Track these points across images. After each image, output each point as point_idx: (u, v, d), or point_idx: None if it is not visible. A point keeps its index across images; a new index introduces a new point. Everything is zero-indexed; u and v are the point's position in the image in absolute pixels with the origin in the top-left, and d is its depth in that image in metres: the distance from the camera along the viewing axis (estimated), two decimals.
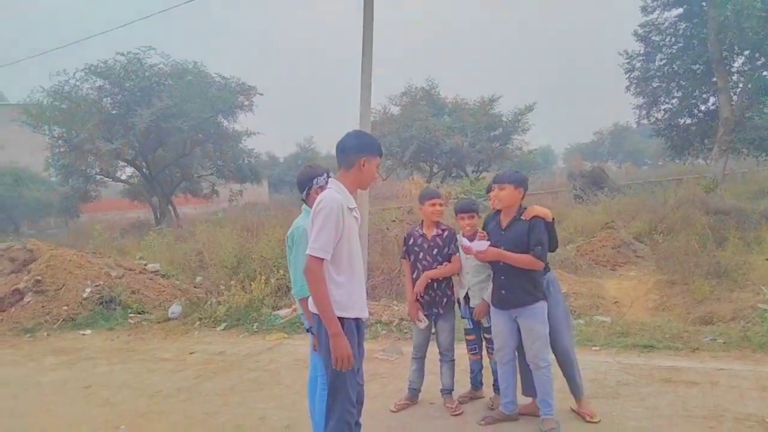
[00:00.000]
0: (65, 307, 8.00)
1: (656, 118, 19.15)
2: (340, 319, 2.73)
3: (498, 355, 3.90)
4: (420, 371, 4.33)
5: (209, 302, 7.75)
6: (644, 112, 19.10)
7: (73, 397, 4.96)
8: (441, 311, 4.19)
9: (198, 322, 7.34)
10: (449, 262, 4.16)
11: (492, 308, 3.89)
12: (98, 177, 24.30)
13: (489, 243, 3.68)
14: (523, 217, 3.70)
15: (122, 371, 5.68)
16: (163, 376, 5.42)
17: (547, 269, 3.92)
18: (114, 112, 21.09)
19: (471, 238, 4.19)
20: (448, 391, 4.25)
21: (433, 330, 4.29)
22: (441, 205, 4.24)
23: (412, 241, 4.31)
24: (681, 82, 17.98)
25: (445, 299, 4.19)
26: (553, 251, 4.05)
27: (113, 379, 5.42)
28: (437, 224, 4.24)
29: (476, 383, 4.40)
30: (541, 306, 3.70)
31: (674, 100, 18.58)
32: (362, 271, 3.00)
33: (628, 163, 48.25)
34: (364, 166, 2.88)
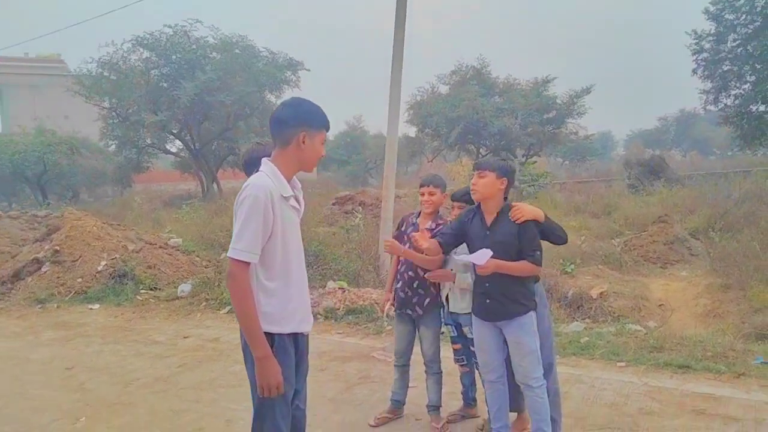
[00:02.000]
0: (79, 280, 7.92)
1: (724, 105, 17.54)
2: (271, 335, 2.23)
3: (484, 373, 3.33)
4: (402, 381, 3.81)
5: (220, 282, 7.46)
6: (711, 97, 17.53)
7: (51, 379, 4.75)
8: (420, 312, 3.62)
9: (204, 303, 7.07)
10: None
11: (474, 318, 3.31)
12: (149, 149, 24.78)
13: (491, 254, 3.03)
14: (511, 217, 3.10)
15: (111, 353, 5.44)
16: (147, 362, 5.14)
17: (536, 278, 3.36)
18: (162, 84, 21.26)
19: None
20: (434, 408, 3.70)
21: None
22: (432, 194, 3.63)
23: (404, 227, 3.77)
24: (756, 65, 16.31)
25: (427, 299, 3.61)
26: (565, 243, 3.43)
27: (98, 362, 5.18)
28: (434, 216, 3.67)
29: (468, 399, 3.84)
30: (532, 317, 3.13)
31: (746, 85, 16.92)
32: (303, 275, 2.44)
33: (694, 152, 45.34)
34: (304, 142, 2.30)
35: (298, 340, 2.40)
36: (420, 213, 3.72)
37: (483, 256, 3.02)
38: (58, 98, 30.20)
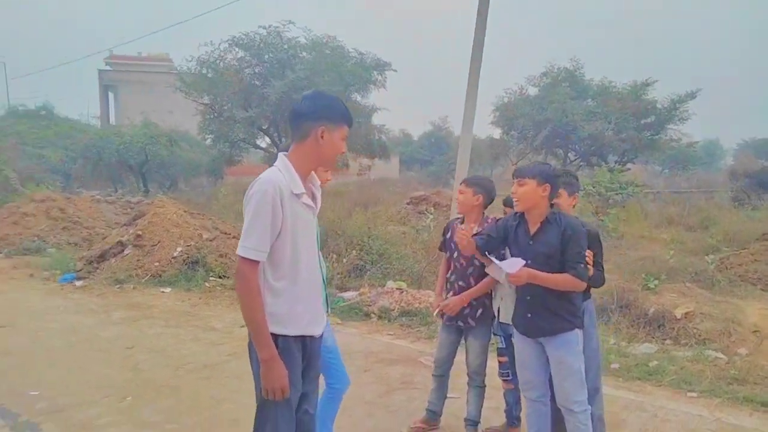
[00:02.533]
0: (156, 264, 8.34)
1: None
2: (276, 336, 2.14)
3: (524, 391, 3.08)
4: (440, 391, 3.62)
5: None
6: None
7: (112, 357, 4.98)
8: (472, 324, 3.41)
9: None
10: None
11: (515, 333, 3.06)
12: (241, 143, 25.93)
13: (524, 263, 2.83)
14: (552, 222, 2.86)
15: (170, 336, 5.65)
16: (201, 347, 5.28)
17: (587, 295, 3.10)
18: (255, 82, 22.13)
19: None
20: (472, 424, 3.48)
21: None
22: (461, 192, 3.40)
23: (450, 234, 3.57)
24: None
25: (479, 310, 3.40)
26: (599, 286, 3.15)
27: (157, 343, 5.39)
28: (480, 220, 3.43)
29: (512, 419, 3.57)
30: (577, 334, 2.87)
31: None
32: (315, 276, 2.33)
33: None
34: (322, 137, 2.18)
35: (306, 342, 2.28)
36: (464, 219, 3.51)
37: (514, 264, 2.82)
38: (164, 94, 32.41)
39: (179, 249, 8.57)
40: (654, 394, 4.27)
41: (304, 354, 2.28)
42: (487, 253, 3.12)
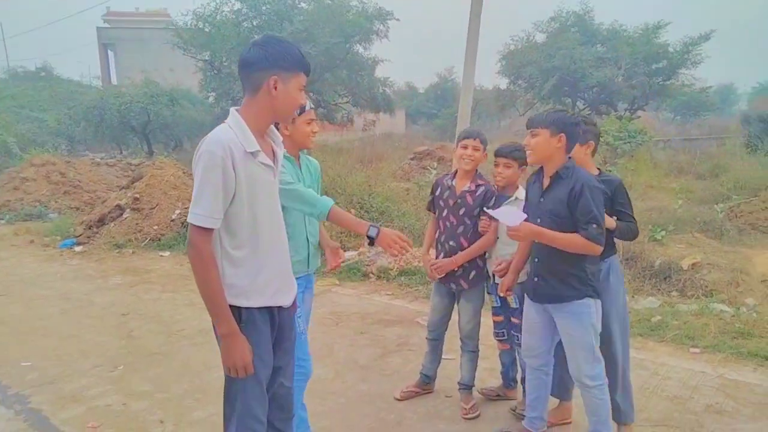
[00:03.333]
0: (155, 227, 8.26)
1: None
2: (239, 309, 1.98)
3: (526, 357, 2.95)
4: (434, 355, 3.52)
5: None
6: None
7: (106, 325, 4.94)
8: (465, 286, 3.27)
9: None
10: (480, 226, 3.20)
11: (525, 297, 2.90)
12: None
13: (526, 217, 2.64)
14: (563, 176, 2.61)
15: (166, 301, 5.60)
16: (196, 312, 5.22)
17: (610, 252, 2.86)
18: (253, 36, 21.56)
19: (500, 196, 3.19)
20: (466, 387, 3.38)
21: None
22: (476, 149, 3.17)
23: (439, 191, 3.38)
24: None
25: (472, 272, 3.25)
26: (631, 239, 2.99)
27: (152, 309, 5.35)
28: (472, 176, 3.25)
29: (508, 380, 3.48)
30: (588, 305, 2.64)
31: None
32: (280, 242, 2.14)
33: None
34: (275, 88, 1.95)
35: (273, 313, 2.12)
36: (455, 173, 3.31)
37: (514, 217, 2.60)
38: (164, 51, 31.79)
39: (177, 212, 8.47)
40: (656, 350, 4.16)
41: (272, 326, 2.13)
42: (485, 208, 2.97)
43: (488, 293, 3.34)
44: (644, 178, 12.50)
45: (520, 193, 3.15)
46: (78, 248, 7.96)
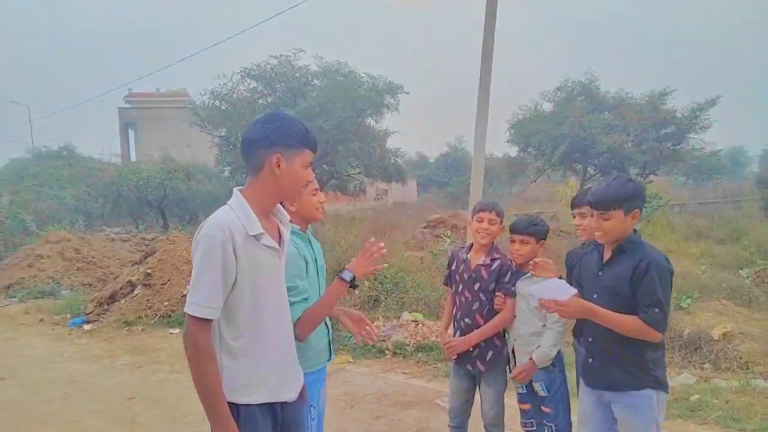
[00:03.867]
0: (166, 303, 8.12)
1: None
2: (236, 406, 1.83)
3: None
4: None
5: None
6: None
7: (110, 409, 4.72)
8: (482, 369, 3.04)
9: None
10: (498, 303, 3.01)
11: (581, 381, 2.65)
12: None
13: (576, 292, 2.42)
14: (627, 250, 2.38)
15: (173, 383, 5.37)
16: None
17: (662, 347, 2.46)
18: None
19: (518, 272, 3.02)
20: None
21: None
22: (492, 222, 3.03)
23: (455, 265, 3.23)
24: None
25: (489, 352, 3.03)
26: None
27: (158, 392, 5.11)
28: (488, 250, 3.10)
29: None
30: (649, 396, 2.35)
31: None
32: (285, 331, 1.99)
33: None
34: (278, 166, 1.87)
35: (276, 410, 1.94)
36: (471, 247, 3.17)
37: (563, 291, 2.37)
38: (182, 128, 32.85)
39: (188, 287, 8.33)
40: None
41: (275, 424, 1.95)
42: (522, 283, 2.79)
43: (514, 381, 3.10)
44: (662, 243, 12.25)
45: (553, 282, 2.94)
46: (87, 326, 7.80)
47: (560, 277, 2.69)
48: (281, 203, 2.12)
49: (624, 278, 2.33)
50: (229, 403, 1.81)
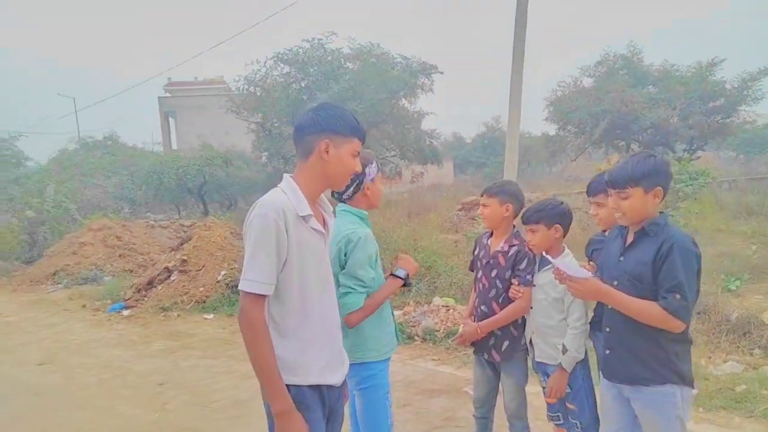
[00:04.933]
0: (201, 289, 8.24)
1: None
2: (288, 386, 1.81)
3: None
4: None
5: None
6: None
7: (141, 395, 4.79)
8: (498, 359, 2.90)
9: None
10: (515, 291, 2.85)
11: (601, 375, 2.47)
12: (294, 158, 26.16)
13: (591, 275, 2.28)
14: (651, 233, 2.18)
15: (204, 368, 5.43)
16: (234, 381, 5.00)
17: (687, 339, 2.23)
18: (302, 97, 22.22)
19: (542, 261, 2.84)
20: None
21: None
22: (486, 206, 2.88)
23: (477, 250, 3.09)
24: None
25: (505, 342, 2.88)
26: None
27: (189, 377, 5.18)
28: (508, 235, 2.92)
29: None
30: (671, 393, 2.15)
31: None
32: (332, 314, 2.00)
33: None
34: (327, 152, 1.92)
35: (324, 393, 1.94)
36: (492, 232, 3.02)
37: (580, 270, 2.25)
38: (220, 116, 33.35)
39: (223, 272, 8.44)
40: (744, 428, 3.60)
41: (323, 406, 1.94)
42: (544, 253, 2.62)
43: (534, 371, 2.95)
44: (711, 222, 11.71)
45: (565, 257, 2.73)
46: (126, 312, 7.99)
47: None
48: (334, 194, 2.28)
49: (646, 263, 2.13)
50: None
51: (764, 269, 8.05)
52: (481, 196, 2.94)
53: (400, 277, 2.48)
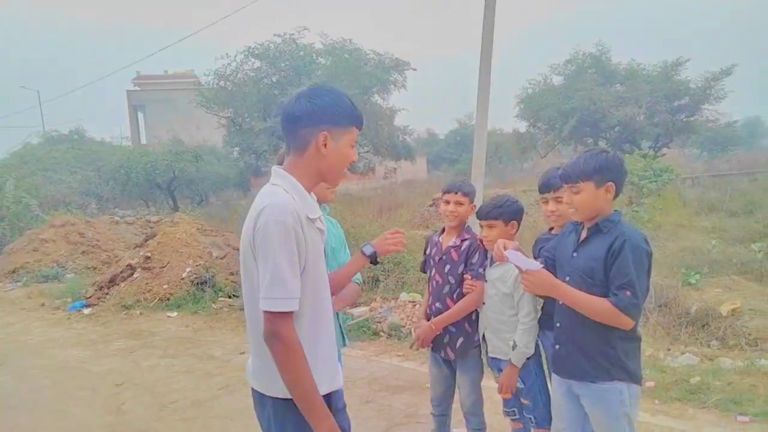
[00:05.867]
0: (165, 286, 8.07)
1: None
2: None
3: None
4: None
5: None
6: None
7: (97, 397, 4.66)
8: (452, 356, 2.90)
9: None
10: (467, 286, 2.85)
11: (550, 370, 2.48)
12: (266, 154, 25.85)
13: (542, 266, 2.25)
14: (604, 230, 2.18)
15: (164, 368, 5.31)
16: (194, 381, 4.91)
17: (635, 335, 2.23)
18: (274, 92, 21.97)
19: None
20: None
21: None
22: (459, 204, 2.86)
23: (428, 249, 3.08)
24: None
25: (459, 339, 2.88)
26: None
27: (148, 378, 5.05)
28: (459, 231, 2.93)
29: None
30: (619, 390, 2.16)
31: None
32: (330, 317, 1.86)
33: None
34: (325, 145, 1.74)
35: (331, 398, 1.83)
36: (443, 229, 3.01)
37: (532, 265, 2.20)
38: (191, 110, 32.80)
39: (188, 269, 8.28)
40: (697, 418, 3.67)
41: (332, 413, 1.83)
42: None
43: (490, 368, 2.95)
44: (674, 218, 11.97)
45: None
46: (86, 311, 7.78)
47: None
48: None
49: (598, 259, 2.13)
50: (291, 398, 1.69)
51: (723, 263, 8.25)
52: (445, 194, 2.90)
53: (365, 254, 2.33)
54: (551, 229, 2.80)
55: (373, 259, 2.34)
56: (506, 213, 2.74)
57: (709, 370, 4.34)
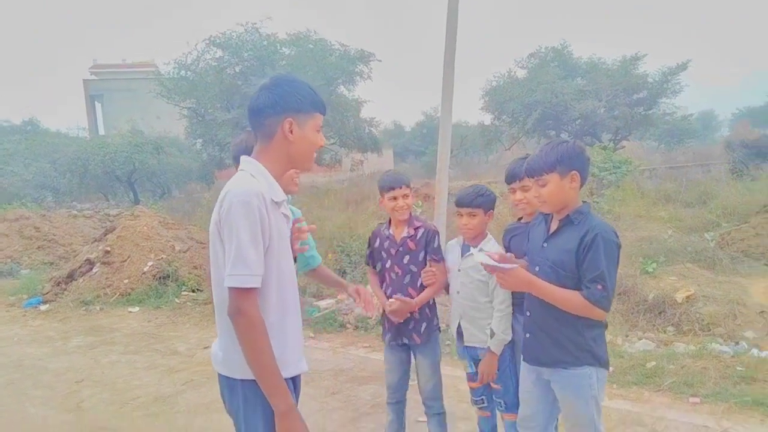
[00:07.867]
0: (126, 281, 7.89)
1: None
2: None
3: (521, 425, 2.53)
4: (398, 422, 3.14)
5: None
6: None
7: (55, 395, 4.53)
8: (418, 341, 2.94)
9: None
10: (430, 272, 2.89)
11: (520, 358, 2.53)
12: (230, 146, 25.40)
13: (517, 267, 2.26)
14: (575, 222, 2.22)
15: (125, 364, 5.20)
16: (155, 377, 4.82)
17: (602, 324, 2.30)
18: (237, 82, 21.60)
19: (465, 247, 2.89)
20: None
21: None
22: (406, 197, 2.90)
23: (378, 243, 3.09)
24: None
25: (423, 324, 2.93)
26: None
27: (108, 375, 4.94)
28: (409, 221, 2.97)
29: None
30: (588, 375, 2.22)
31: None
32: (296, 300, 1.89)
33: None
34: (291, 132, 1.79)
35: (297, 382, 1.89)
36: (390, 222, 3.03)
37: (509, 266, 2.22)
38: (151, 100, 31.96)
39: (150, 263, 8.11)
40: (652, 401, 3.80)
41: (295, 396, 1.87)
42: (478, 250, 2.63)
43: (460, 358, 2.99)
44: (632, 208, 12.30)
45: (488, 243, 2.83)
46: (43, 307, 7.55)
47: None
48: None
49: (569, 251, 2.18)
50: None
51: (678, 252, 8.53)
52: (389, 190, 2.90)
53: None
54: (520, 218, 2.85)
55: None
56: (487, 202, 2.80)
57: (664, 354, 4.50)
